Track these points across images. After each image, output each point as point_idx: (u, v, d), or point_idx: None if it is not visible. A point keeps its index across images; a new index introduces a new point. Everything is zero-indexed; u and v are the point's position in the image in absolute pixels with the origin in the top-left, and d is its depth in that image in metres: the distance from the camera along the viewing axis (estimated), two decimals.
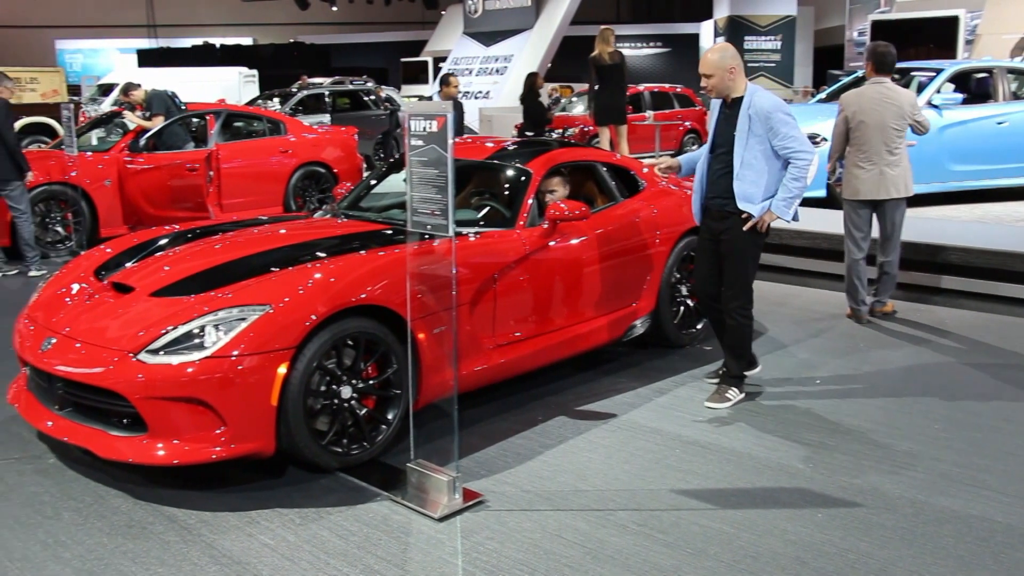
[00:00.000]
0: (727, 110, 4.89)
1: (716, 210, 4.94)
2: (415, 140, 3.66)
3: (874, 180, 6.32)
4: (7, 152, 8.20)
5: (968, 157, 10.00)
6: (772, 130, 4.72)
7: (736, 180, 4.78)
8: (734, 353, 5.04)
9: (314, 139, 11.54)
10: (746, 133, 4.75)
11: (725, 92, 4.84)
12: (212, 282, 4.20)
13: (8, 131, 8.22)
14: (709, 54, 4.86)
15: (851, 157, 6.42)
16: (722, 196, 4.88)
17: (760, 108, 4.73)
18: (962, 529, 3.63)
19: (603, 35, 11.07)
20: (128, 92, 11.18)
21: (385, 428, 4.22)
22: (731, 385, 5.05)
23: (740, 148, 4.77)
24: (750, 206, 4.76)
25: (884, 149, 6.28)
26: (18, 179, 8.33)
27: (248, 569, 3.34)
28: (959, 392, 5.21)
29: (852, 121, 6.35)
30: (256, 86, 23.42)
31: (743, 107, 4.77)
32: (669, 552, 3.45)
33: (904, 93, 6.40)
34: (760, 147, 4.75)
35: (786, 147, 4.72)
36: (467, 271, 4.56)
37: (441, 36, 31.47)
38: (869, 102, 6.30)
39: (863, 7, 21.68)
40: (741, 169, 4.77)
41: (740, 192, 4.77)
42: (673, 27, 35.66)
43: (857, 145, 6.36)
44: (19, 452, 4.39)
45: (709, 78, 4.82)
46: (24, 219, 8.46)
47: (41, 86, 23.25)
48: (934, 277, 7.41)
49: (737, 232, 4.84)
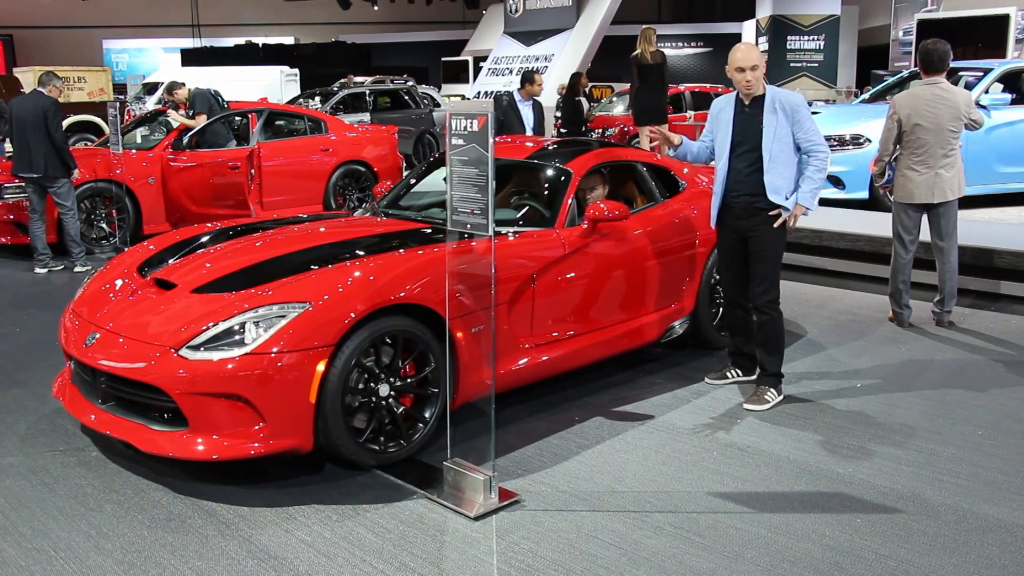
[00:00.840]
0: (747, 109, 4.95)
1: (743, 208, 4.98)
2: (456, 139, 3.67)
3: (928, 183, 6.18)
4: (55, 150, 8.36)
5: (1016, 159, 9.81)
6: (798, 123, 4.85)
7: (767, 173, 4.86)
8: (769, 350, 5.03)
9: (355, 138, 11.61)
10: (774, 127, 4.85)
11: (756, 88, 4.89)
12: (253, 279, 4.24)
13: (56, 130, 8.38)
14: (750, 50, 4.93)
15: (904, 160, 6.26)
16: (750, 193, 4.93)
17: (788, 102, 4.86)
18: (1007, 538, 3.56)
19: (645, 34, 11.02)
20: (172, 91, 11.33)
21: (422, 426, 4.23)
22: (770, 386, 5.02)
23: (769, 142, 4.85)
24: (780, 198, 4.86)
25: (940, 151, 6.13)
26: (65, 176, 8.50)
27: (285, 565, 3.36)
28: (1004, 399, 5.11)
29: (906, 124, 6.19)
30: (297, 85, 23.62)
31: (767, 103, 4.88)
32: (705, 555, 3.43)
33: (960, 92, 6.24)
34: (786, 140, 4.86)
35: (809, 139, 4.86)
36: (506, 271, 4.56)
37: (482, 35, 31.50)
38: (924, 104, 6.14)
39: (909, 6, 21.34)
40: (770, 163, 4.86)
41: (771, 184, 4.86)
42: (714, 27, 35.37)
43: (912, 148, 6.20)
44: (64, 445, 4.47)
45: (756, 70, 4.86)
46: (70, 215, 8.61)
47: (88, 85, 23.63)
48: (980, 281, 7.28)
49: (768, 228, 4.92)
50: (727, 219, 5.08)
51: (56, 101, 8.49)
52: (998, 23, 15.24)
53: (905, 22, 20.89)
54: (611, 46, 26.56)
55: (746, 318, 5.21)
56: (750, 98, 4.93)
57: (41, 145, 8.32)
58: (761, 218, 4.93)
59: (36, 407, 4.96)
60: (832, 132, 9.62)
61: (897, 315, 6.57)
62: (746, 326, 5.22)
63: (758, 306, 5.00)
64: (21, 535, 3.59)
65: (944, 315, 6.54)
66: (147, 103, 19.87)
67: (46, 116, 8.32)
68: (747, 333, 5.23)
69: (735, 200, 5.00)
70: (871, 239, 7.90)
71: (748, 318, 5.20)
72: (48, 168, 8.37)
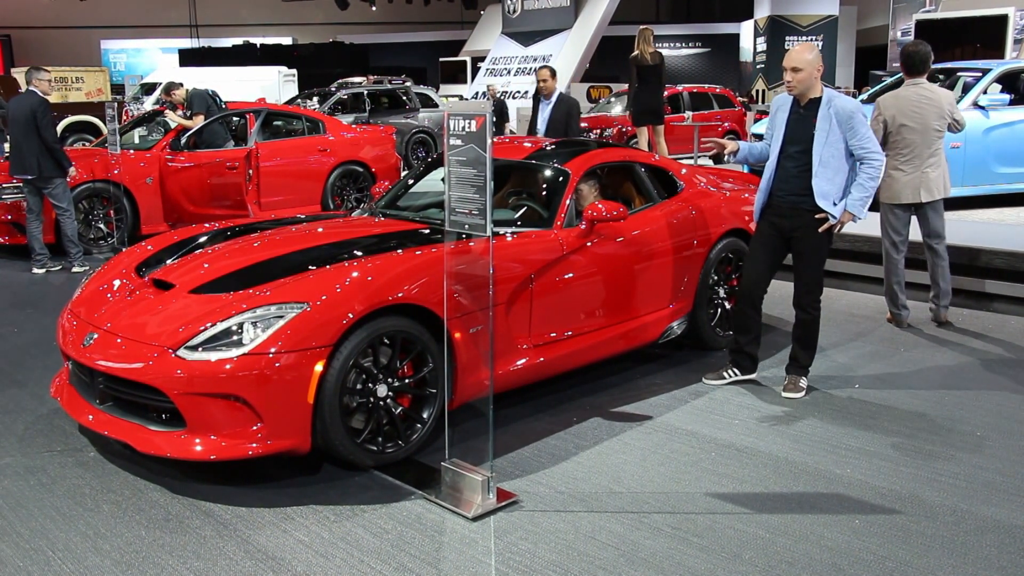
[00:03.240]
0: (801, 110, 4.98)
1: (789, 207, 5.01)
2: (454, 140, 3.66)
3: (915, 183, 6.25)
4: (46, 150, 8.28)
5: (1015, 159, 9.81)
6: (852, 130, 4.85)
7: (815, 178, 4.88)
8: (805, 345, 5.20)
9: (352, 138, 11.61)
10: (826, 132, 4.86)
11: (806, 90, 4.93)
12: (250, 280, 4.24)
13: (46, 130, 8.26)
14: (802, 51, 4.95)
15: (890, 161, 6.31)
16: (797, 194, 4.97)
17: (843, 108, 4.87)
18: (1005, 539, 3.56)
19: (643, 35, 11.02)
20: (170, 92, 11.32)
21: (420, 427, 4.23)
22: (802, 375, 5.20)
23: (820, 146, 4.87)
24: (828, 204, 4.88)
25: (926, 151, 6.22)
26: (59, 176, 8.42)
27: (283, 565, 3.36)
28: (1003, 400, 5.11)
29: (892, 125, 6.27)
30: (295, 85, 23.63)
31: (823, 107, 4.89)
32: (704, 556, 3.43)
33: (943, 93, 6.33)
34: (838, 146, 4.87)
35: (863, 147, 4.87)
36: (504, 271, 4.56)
37: (480, 36, 31.53)
38: (909, 104, 6.23)
39: (907, 6, 21.37)
40: (820, 167, 4.88)
41: (819, 190, 4.88)
42: (713, 27, 35.43)
43: (897, 148, 6.28)
44: (61, 445, 4.46)
45: (797, 72, 4.88)
46: (67, 216, 8.57)
47: (86, 85, 23.64)
48: (978, 281, 7.28)
49: (813, 231, 4.96)
50: (770, 215, 5.12)
51: (44, 101, 8.36)
52: (996, 23, 15.25)
53: (903, 22, 20.92)
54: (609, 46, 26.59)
55: (755, 317, 5.25)
56: (805, 99, 4.96)
57: (33, 146, 8.26)
58: (806, 219, 4.96)
59: (34, 407, 4.95)
60: None
61: (895, 316, 6.58)
62: (752, 325, 5.25)
63: (802, 305, 5.14)
64: (19, 535, 3.58)
65: (941, 311, 6.57)
66: (145, 103, 19.88)
67: (35, 116, 8.21)
68: (752, 332, 5.25)
69: (782, 199, 5.03)
70: (870, 240, 7.90)
71: (756, 317, 5.27)
72: (42, 169, 8.30)
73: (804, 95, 4.95)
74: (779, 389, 5.17)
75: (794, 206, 4.99)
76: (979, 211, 9.61)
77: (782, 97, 5.15)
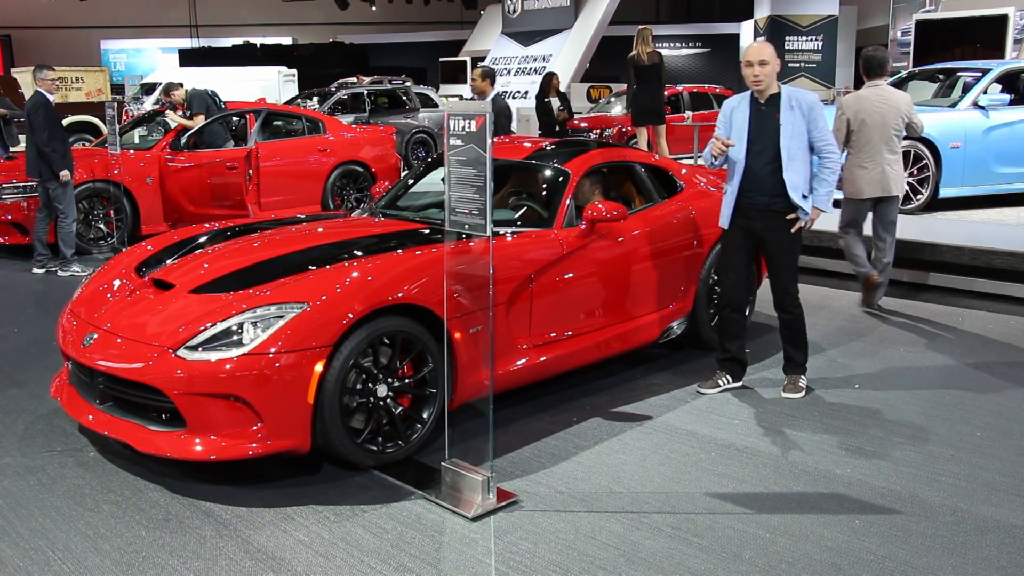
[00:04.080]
0: (762, 107, 4.94)
1: (759, 210, 4.96)
2: (454, 140, 3.66)
3: (877, 178, 6.65)
4: (38, 152, 8.19)
5: (1015, 159, 9.81)
6: (814, 121, 4.88)
7: (786, 171, 4.87)
8: (796, 345, 5.18)
9: (352, 138, 11.61)
10: (791, 125, 4.87)
11: (768, 86, 4.91)
12: (250, 280, 4.24)
13: (39, 130, 8.12)
14: (763, 46, 4.95)
15: (853, 158, 6.74)
16: (770, 194, 4.93)
17: (805, 99, 4.90)
18: (1005, 539, 3.56)
19: (642, 35, 11.02)
20: (170, 92, 11.30)
21: (420, 427, 4.23)
22: (800, 373, 5.19)
23: (787, 139, 4.86)
24: (798, 196, 4.88)
25: (885, 148, 6.59)
26: (52, 178, 8.26)
27: (282, 565, 3.36)
28: (1002, 400, 5.11)
29: (854, 123, 6.67)
30: (295, 85, 23.62)
31: (784, 102, 4.89)
32: (704, 556, 3.43)
33: (900, 95, 6.73)
34: (803, 138, 4.89)
35: (823, 139, 4.90)
36: (504, 271, 4.56)
37: (480, 36, 31.50)
38: (869, 104, 6.63)
39: (907, 6, 21.34)
40: (788, 160, 4.87)
41: (790, 183, 4.88)
42: (713, 27, 35.38)
43: (859, 146, 6.66)
44: (61, 445, 4.46)
45: (765, 66, 4.87)
46: (63, 218, 8.42)
47: (86, 85, 23.62)
48: (977, 282, 7.28)
49: (786, 231, 4.96)
50: (739, 220, 5.06)
51: (39, 102, 8.19)
52: (996, 23, 15.24)
53: (903, 22, 20.89)
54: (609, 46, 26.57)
55: (740, 321, 5.24)
56: (764, 96, 4.94)
57: (31, 146, 8.24)
58: (778, 221, 4.94)
59: (34, 407, 4.95)
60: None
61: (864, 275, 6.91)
62: (739, 330, 5.24)
63: (784, 307, 5.10)
64: (19, 535, 3.58)
65: (880, 281, 7.02)
66: (145, 103, 19.87)
67: (30, 116, 8.17)
68: (739, 337, 5.24)
69: (751, 201, 4.98)
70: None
71: (742, 321, 5.27)
72: (36, 170, 8.24)
73: (764, 91, 4.92)
74: (779, 389, 5.16)
75: (766, 208, 4.94)
76: (979, 211, 9.62)
77: (733, 99, 5.11)
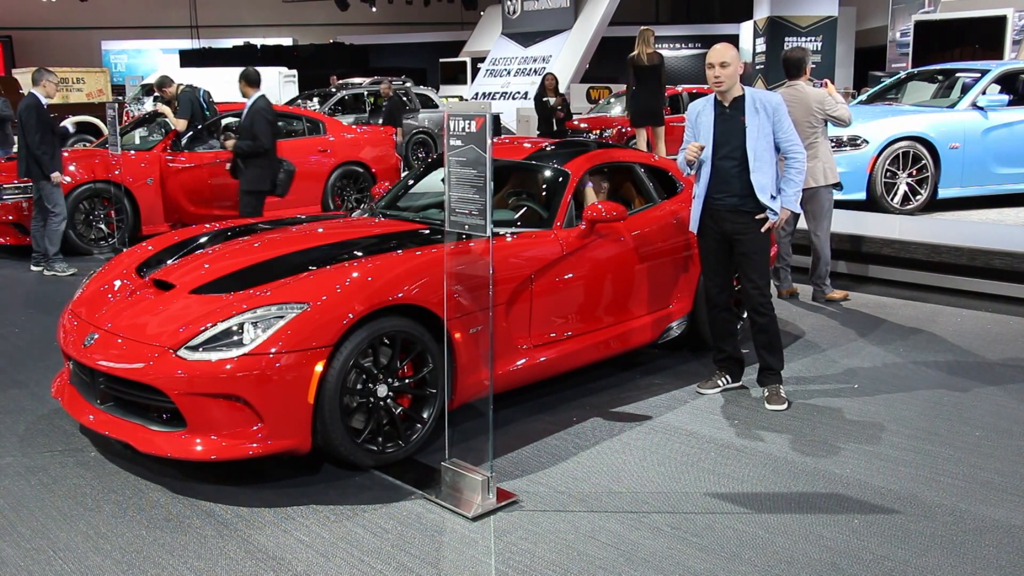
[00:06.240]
0: (727, 110, 4.93)
1: (728, 210, 4.95)
2: (454, 140, 3.67)
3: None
4: (30, 154, 8.16)
5: (1014, 159, 9.81)
6: (779, 122, 4.89)
7: (754, 173, 4.85)
8: (771, 350, 5.06)
9: (352, 139, 11.62)
10: (757, 126, 4.85)
11: (731, 88, 4.89)
12: (251, 280, 4.25)
13: (30, 132, 8.09)
14: (725, 47, 4.92)
15: None
16: (738, 195, 4.91)
17: (770, 100, 4.90)
18: (1004, 539, 3.57)
19: (643, 35, 11.03)
20: (162, 87, 11.17)
21: (420, 427, 4.23)
22: (778, 382, 5.08)
23: (753, 140, 4.85)
24: (766, 197, 4.86)
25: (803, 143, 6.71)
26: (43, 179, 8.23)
27: (283, 565, 3.37)
28: (1001, 400, 5.12)
29: None
30: (296, 86, 23.63)
31: (748, 103, 4.87)
32: (703, 556, 3.43)
33: (811, 92, 6.90)
34: (768, 139, 4.89)
35: (789, 139, 4.92)
36: (504, 271, 4.56)
37: (480, 37, 31.53)
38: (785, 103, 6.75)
39: (906, 7, 21.37)
40: (755, 162, 4.86)
41: (758, 184, 4.86)
42: (712, 28, 35.36)
43: None
44: (62, 445, 4.47)
45: (726, 68, 4.84)
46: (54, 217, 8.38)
47: (87, 86, 23.61)
48: (976, 282, 7.29)
49: (756, 231, 4.94)
50: (709, 223, 5.03)
51: (32, 104, 8.16)
52: (995, 24, 15.26)
53: (902, 23, 20.93)
54: (609, 47, 26.58)
55: (732, 320, 5.24)
56: (728, 99, 4.91)
57: (23, 147, 8.22)
58: (748, 221, 4.92)
59: (34, 407, 4.96)
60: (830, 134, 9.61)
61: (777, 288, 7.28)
62: (732, 328, 5.23)
63: (757, 309, 4.99)
64: (20, 535, 3.59)
65: (823, 292, 7.24)
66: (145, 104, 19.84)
67: (22, 118, 8.14)
68: (733, 335, 5.24)
69: (719, 203, 4.97)
70: (868, 240, 7.92)
71: (733, 320, 5.27)
72: (28, 171, 8.22)
73: (728, 94, 4.90)
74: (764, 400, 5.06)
75: (734, 209, 4.92)
76: (979, 211, 9.62)
77: (698, 103, 5.09)
